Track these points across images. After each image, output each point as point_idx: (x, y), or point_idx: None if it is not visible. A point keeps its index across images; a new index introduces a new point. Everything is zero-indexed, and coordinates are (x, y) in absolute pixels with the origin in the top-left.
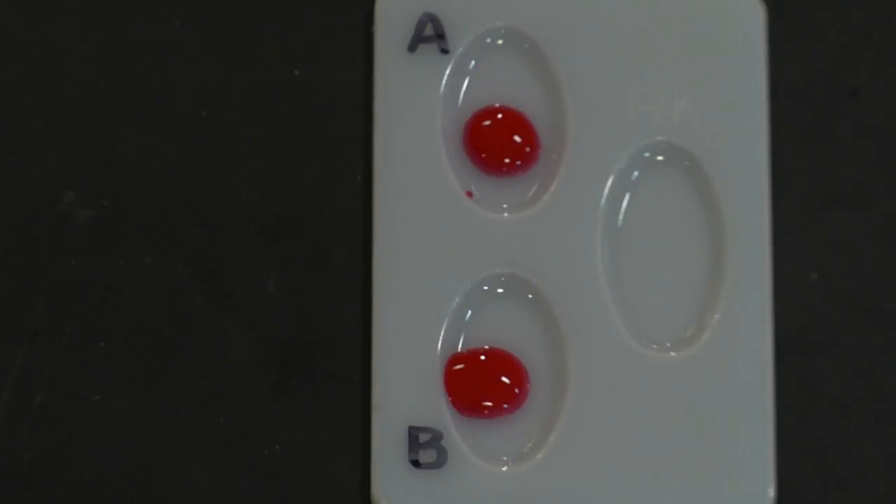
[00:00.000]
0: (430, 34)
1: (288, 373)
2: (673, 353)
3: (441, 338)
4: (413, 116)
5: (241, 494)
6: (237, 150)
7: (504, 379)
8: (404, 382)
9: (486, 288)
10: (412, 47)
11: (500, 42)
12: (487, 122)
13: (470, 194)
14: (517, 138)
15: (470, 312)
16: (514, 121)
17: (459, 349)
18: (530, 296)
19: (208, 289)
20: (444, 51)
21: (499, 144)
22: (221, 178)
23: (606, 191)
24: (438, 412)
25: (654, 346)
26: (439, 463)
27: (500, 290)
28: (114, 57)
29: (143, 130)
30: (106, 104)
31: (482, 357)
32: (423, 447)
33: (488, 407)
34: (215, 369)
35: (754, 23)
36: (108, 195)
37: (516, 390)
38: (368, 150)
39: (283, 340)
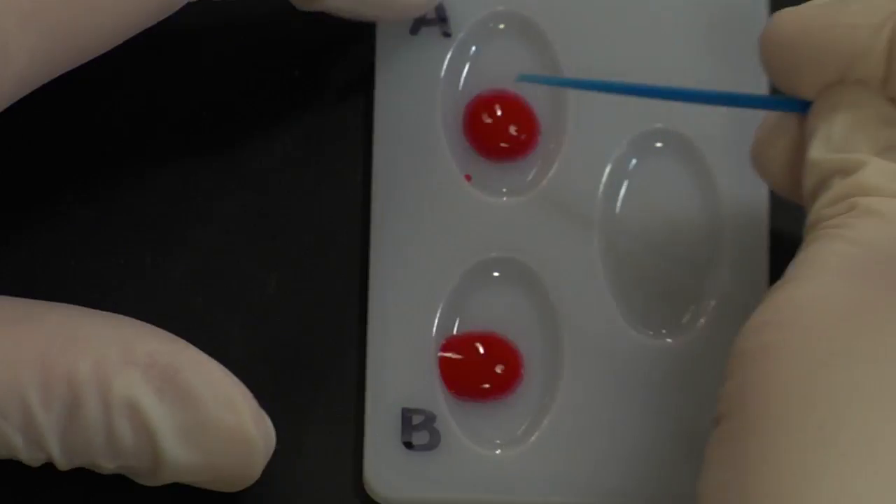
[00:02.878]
0: (432, 17)
1: (288, 372)
2: (669, 340)
3: (436, 321)
4: (414, 99)
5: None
6: (237, 149)
7: (498, 363)
8: (399, 364)
9: (482, 271)
10: (414, 30)
11: (501, 27)
12: (486, 112)
13: (469, 178)
14: (515, 125)
15: (466, 296)
16: (514, 106)
17: (454, 332)
18: (527, 280)
19: (208, 289)
20: (446, 34)
21: (498, 130)
22: (221, 177)
23: (605, 177)
24: (432, 395)
25: (650, 332)
26: (432, 445)
27: (496, 274)
28: (114, 57)
29: (144, 130)
30: (106, 104)
31: (477, 341)
32: (416, 429)
33: (482, 390)
34: None
35: (756, 10)
36: (107, 194)
37: (510, 374)
38: (368, 150)
39: (283, 340)
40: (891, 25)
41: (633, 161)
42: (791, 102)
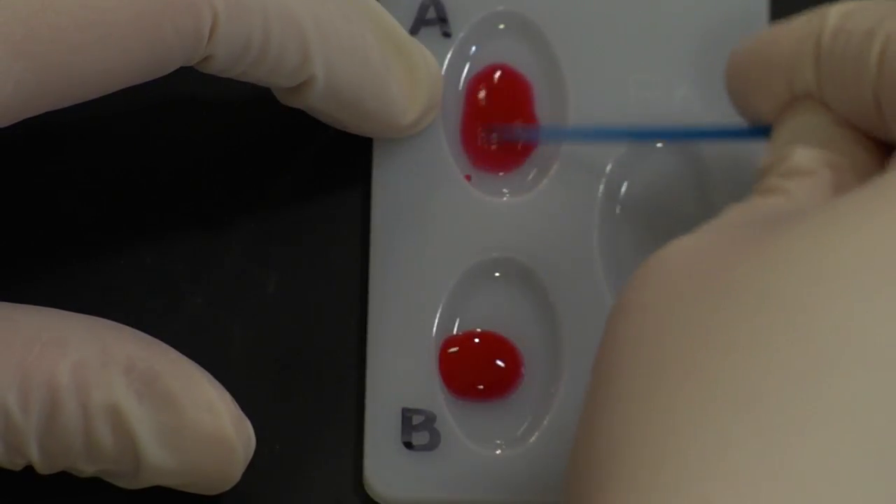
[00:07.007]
0: (432, 17)
1: (288, 372)
2: None
3: (436, 321)
4: None
5: (238, 490)
6: (237, 149)
7: (498, 362)
8: (399, 364)
9: (482, 271)
10: (414, 30)
11: (501, 27)
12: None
13: (469, 178)
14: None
15: (466, 296)
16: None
17: (454, 332)
18: (527, 280)
19: (208, 289)
20: (446, 34)
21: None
22: (221, 177)
23: (605, 176)
24: (432, 395)
25: None
26: (432, 445)
27: (496, 274)
28: None
29: (144, 130)
30: (106, 104)
31: (476, 340)
32: (416, 429)
33: (482, 390)
34: (215, 369)
35: (756, 8)
36: (108, 195)
37: (510, 374)
38: (368, 150)
39: (283, 341)
40: (815, 36)
41: (633, 161)
42: (758, 131)
